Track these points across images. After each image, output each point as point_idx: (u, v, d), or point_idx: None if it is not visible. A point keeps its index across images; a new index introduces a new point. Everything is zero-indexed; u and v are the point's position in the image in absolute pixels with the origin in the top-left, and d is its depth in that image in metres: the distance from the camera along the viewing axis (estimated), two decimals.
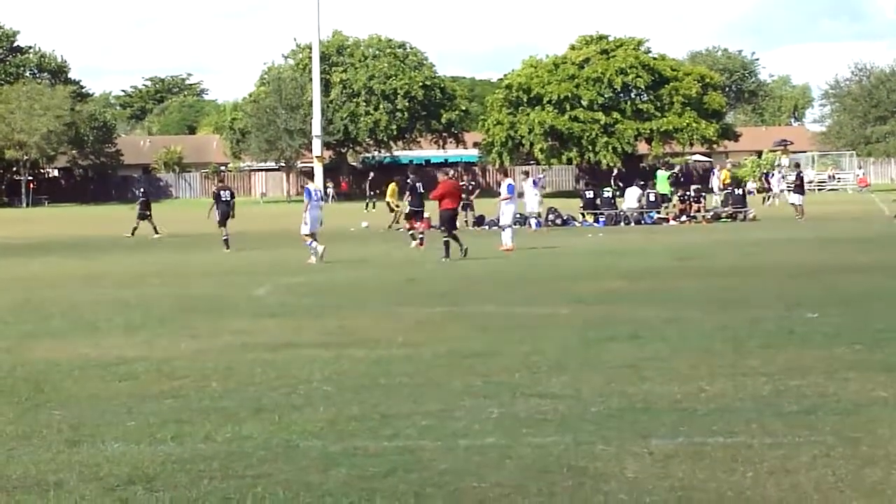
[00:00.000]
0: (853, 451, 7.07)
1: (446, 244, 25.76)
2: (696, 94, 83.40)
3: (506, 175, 33.37)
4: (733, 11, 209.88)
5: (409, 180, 35.12)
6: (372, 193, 66.91)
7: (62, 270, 25.45)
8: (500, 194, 32.78)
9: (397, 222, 42.11)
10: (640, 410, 8.39)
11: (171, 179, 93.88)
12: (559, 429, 7.84)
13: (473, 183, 47.92)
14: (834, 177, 79.04)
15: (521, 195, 36.92)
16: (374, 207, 61.40)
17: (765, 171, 72.16)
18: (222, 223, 31.56)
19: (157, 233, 41.59)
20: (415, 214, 33.05)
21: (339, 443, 7.59)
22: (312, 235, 26.01)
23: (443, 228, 26.61)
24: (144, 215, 42.29)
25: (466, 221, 45.08)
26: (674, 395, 8.95)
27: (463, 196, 45.89)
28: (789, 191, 46.52)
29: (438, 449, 7.34)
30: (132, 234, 41.58)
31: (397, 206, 42.27)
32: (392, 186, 44.59)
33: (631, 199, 45.77)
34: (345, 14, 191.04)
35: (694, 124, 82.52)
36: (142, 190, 46.86)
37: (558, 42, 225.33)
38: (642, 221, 44.36)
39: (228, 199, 31.94)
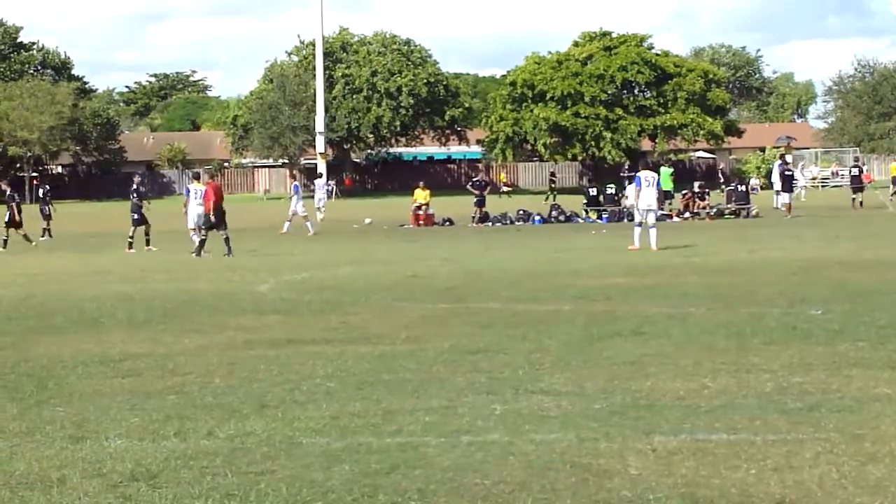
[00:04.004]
0: (857, 448, 7.06)
1: (202, 242, 27.42)
2: (699, 90, 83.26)
3: (642, 171, 27.79)
4: (737, 8, 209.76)
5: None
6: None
7: (65, 266, 25.46)
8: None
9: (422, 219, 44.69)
10: (643, 407, 8.38)
11: (175, 176, 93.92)
12: (562, 425, 7.83)
13: (478, 179, 47.75)
14: (837, 173, 78.88)
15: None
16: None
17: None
18: (46, 218, 35.30)
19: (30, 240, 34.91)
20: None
21: (341, 439, 7.59)
22: (195, 230, 28.90)
23: (204, 227, 28.08)
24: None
25: (473, 217, 45.07)
26: (677, 391, 8.95)
27: (476, 192, 46.27)
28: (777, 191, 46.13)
29: (441, 445, 7.33)
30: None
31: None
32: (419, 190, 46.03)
33: (633, 195, 45.61)
34: (349, 11, 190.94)
35: (698, 120, 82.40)
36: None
37: (562, 39, 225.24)
38: None
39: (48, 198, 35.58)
